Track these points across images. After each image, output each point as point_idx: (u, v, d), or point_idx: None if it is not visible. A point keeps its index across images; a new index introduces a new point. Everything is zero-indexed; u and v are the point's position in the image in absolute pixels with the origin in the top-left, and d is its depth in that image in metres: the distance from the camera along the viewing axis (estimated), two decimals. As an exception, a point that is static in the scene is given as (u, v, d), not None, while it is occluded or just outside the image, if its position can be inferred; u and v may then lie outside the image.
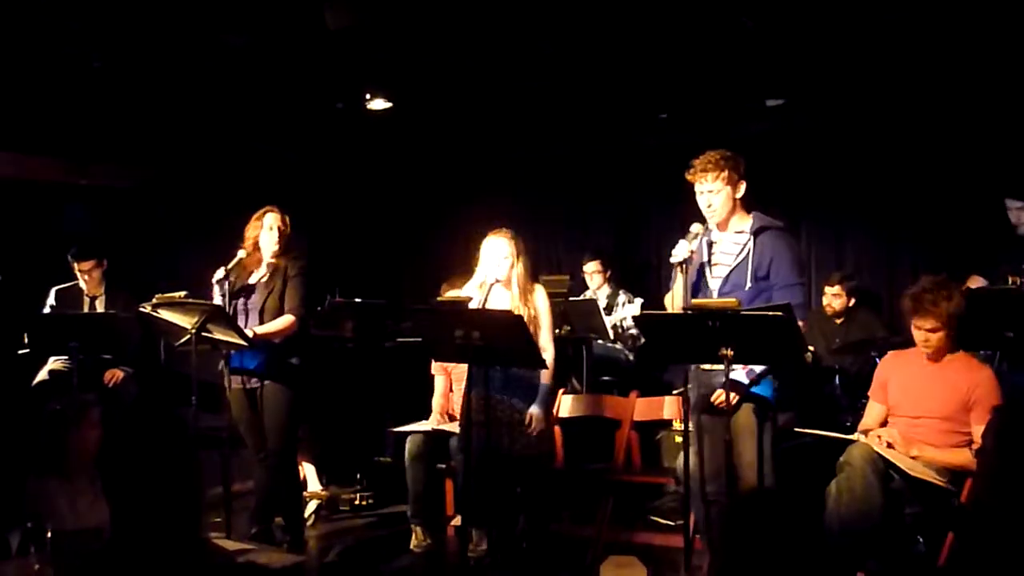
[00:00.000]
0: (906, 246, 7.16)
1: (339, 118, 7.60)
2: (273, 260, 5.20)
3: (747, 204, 4.34)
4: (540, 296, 4.80)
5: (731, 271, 4.27)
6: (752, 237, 4.25)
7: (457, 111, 7.61)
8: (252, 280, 5.21)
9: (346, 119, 7.62)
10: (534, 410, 4.65)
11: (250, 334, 4.98)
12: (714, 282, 4.30)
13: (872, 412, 4.63)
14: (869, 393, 4.67)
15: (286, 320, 5.11)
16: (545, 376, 4.73)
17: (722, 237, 4.34)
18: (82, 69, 6.09)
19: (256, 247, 5.19)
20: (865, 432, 4.47)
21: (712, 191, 4.25)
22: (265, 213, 5.22)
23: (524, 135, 8.22)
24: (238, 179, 7.67)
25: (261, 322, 5.09)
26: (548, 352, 4.74)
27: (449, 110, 7.58)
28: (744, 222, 4.31)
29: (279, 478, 5.21)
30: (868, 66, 6.38)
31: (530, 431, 4.65)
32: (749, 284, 4.19)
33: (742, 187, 4.28)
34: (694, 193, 4.35)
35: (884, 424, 4.58)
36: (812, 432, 4.49)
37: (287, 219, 5.25)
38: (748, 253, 4.23)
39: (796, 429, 4.54)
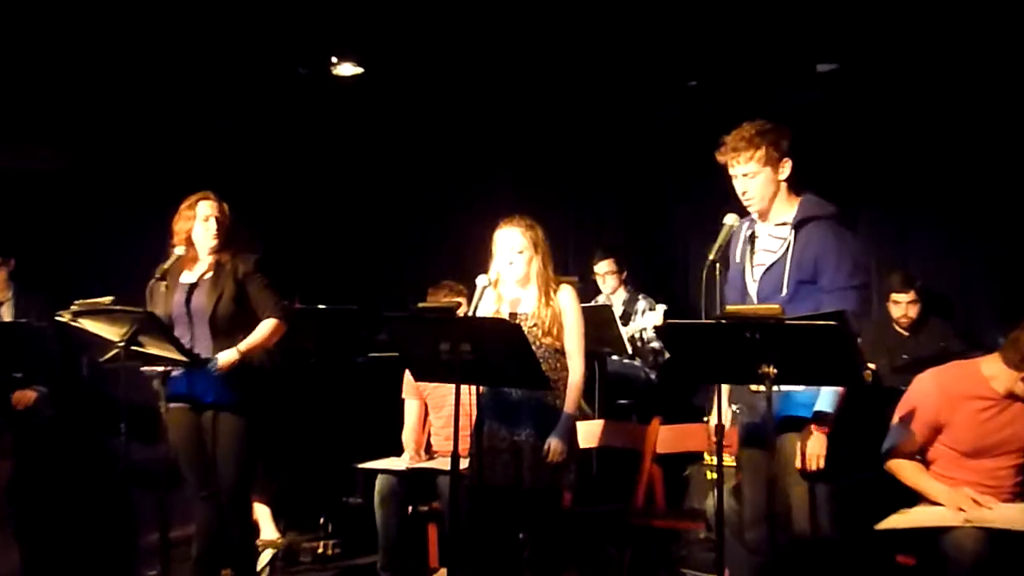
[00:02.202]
0: (982, 242, 7.15)
1: (301, 86, 7.59)
2: (213, 257, 5.20)
3: (796, 186, 4.30)
4: (567, 296, 4.79)
5: (766, 272, 4.25)
6: (793, 230, 4.22)
7: (442, 78, 7.60)
8: (187, 280, 5.21)
9: (309, 87, 7.61)
10: (552, 440, 4.63)
11: (234, 353, 4.99)
12: (752, 285, 4.29)
13: (905, 439, 4.57)
14: (902, 416, 4.59)
15: (269, 325, 5.14)
16: (567, 401, 4.72)
17: (764, 229, 4.32)
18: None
19: (190, 243, 5.19)
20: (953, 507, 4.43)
21: (747, 174, 4.21)
22: (197, 201, 5.21)
23: (524, 106, 8.21)
24: (179, 161, 7.65)
25: (213, 331, 5.10)
26: (575, 360, 4.73)
27: (432, 76, 7.57)
28: (788, 210, 4.26)
29: (229, 521, 5.20)
30: (939, 23, 6.38)
31: (546, 461, 4.63)
32: (786, 288, 4.16)
33: (786, 167, 4.22)
34: (729, 175, 4.33)
35: (916, 454, 4.59)
36: (894, 527, 4.45)
37: (225, 206, 5.25)
38: (788, 249, 4.21)
39: (876, 527, 4.49)
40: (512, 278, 4.78)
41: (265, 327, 5.14)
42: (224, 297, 5.12)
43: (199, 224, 5.18)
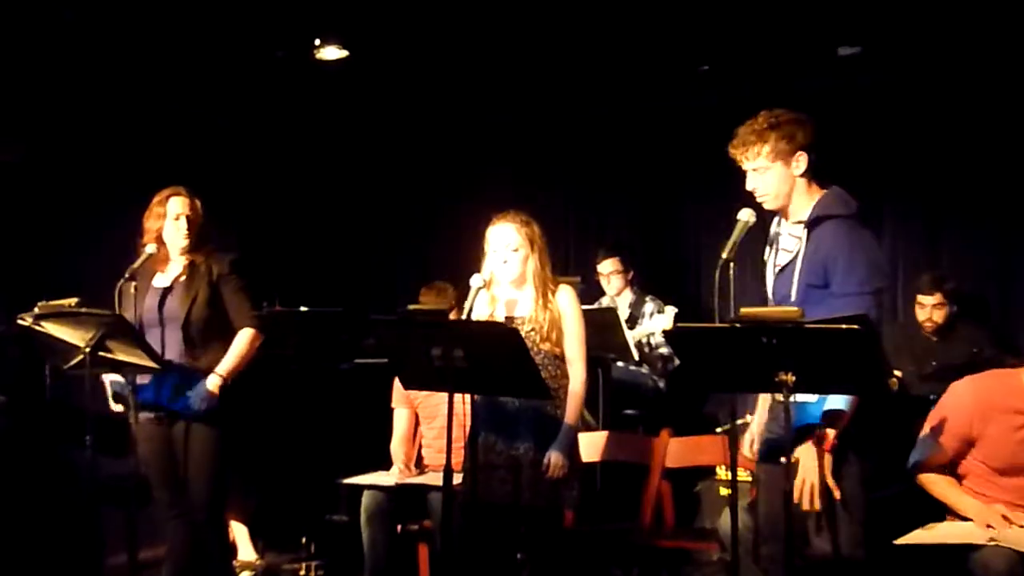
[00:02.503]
0: (1020, 239, 7.16)
1: (281, 71, 7.58)
2: (185, 256, 5.21)
3: (815, 181, 4.24)
4: (566, 297, 4.79)
5: (780, 273, 4.26)
6: (807, 230, 4.19)
7: (434, 62, 7.60)
8: (160, 283, 5.21)
9: (290, 72, 7.60)
10: (553, 454, 4.63)
11: (218, 379, 5.03)
12: (769, 288, 4.30)
13: (935, 452, 4.54)
14: (933, 427, 4.55)
15: (247, 337, 5.18)
16: (569, 412, 4.71)
17: (784, 228, 4.31)
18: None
19: (161, 241, 5.21)
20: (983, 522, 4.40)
21: (756, 170, 4.18)
22: (168, 198, 5.23)
23: (522, 94, 8.21)
24: (148, 152, 7.65)
25: (187, 336, 5.11)
26: (576, 367, 4.73)
27: (424, 60, 7.57)
28: (806, 208, 4.22)
29: (203, 541, 5.20)
30: (971, 2, 6.37)
31: (546, 477, 4.63)
32: (795, 292, 4.15)
33: (801, 161, 4.16)
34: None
35: (947, 468, 4.57)
36: (916, 543, 4.42)
37: (198, 203, 5.27)
38: (800, 250, 4.20)
39: (896, 542, 4.47)
40: (507, 278, 4.76)
41: (242, 341, 5.17)
42: (198, 301, 5.13)
43: (169, 223, 5.19)
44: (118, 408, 5.13)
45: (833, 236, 4.14)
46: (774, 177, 4.18)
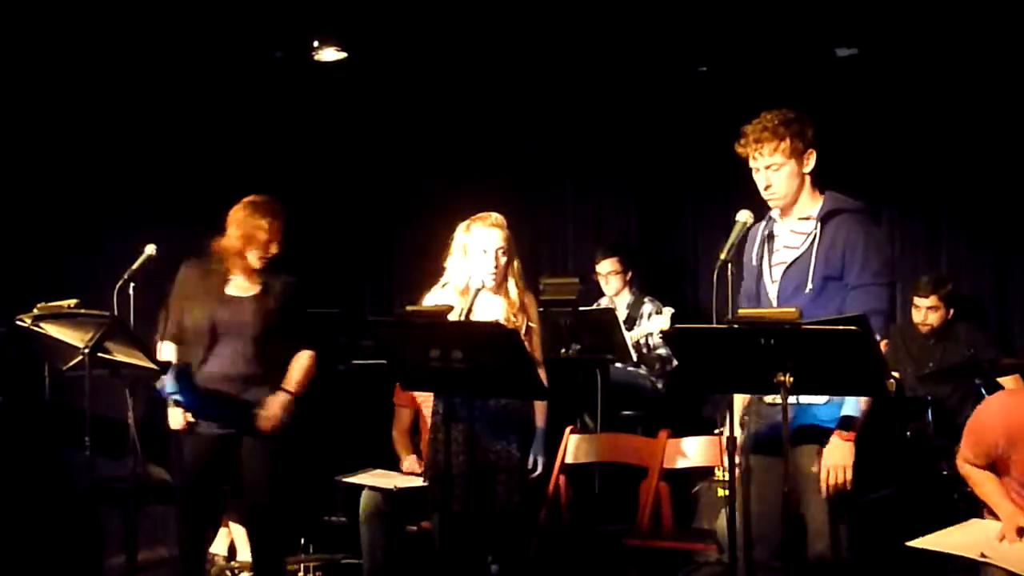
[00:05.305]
0: (1019, 240, 7.17)
1: (279, 72, 7.59)
2: (257, 271, 5.34)
3: (817, 182, 4.32)
4: (533, 306, 4.89)
5: (789, 268, 4.26)
6: (819, 224, 4.23)
7: (432, 62, 7.61)
8: (235, 292, 5.31)
9: (288, 73, 7.60)
10: (539, 456, 4.71)
11: (288, 397, 5.22)
12: (773, 287, 4.30)
13: (972, 454, 4.56)
14: (969, 432, 4.54)
15: (309, 357, 5.38)
16: (540, 415, 4.82)
17: (784, 226, 4.33)
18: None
19: (241, 254, 5.30)
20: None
21: (771, 167, 4.21)
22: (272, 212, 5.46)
23: (520, 94, 8.21)
24: (147, 153, 7.65)
25: (256, 351, 5.22)
26: (543, 373, 4.81)
27: (422, 61, 7.57)
28: (812, 205, 4.28)
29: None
30: (970, 2, 6.39)
31: (532, 479, 4.72)
32: (811, 285, 4.18)
33: (811, 159, 4.24)
34: (745, 168, 4.34)
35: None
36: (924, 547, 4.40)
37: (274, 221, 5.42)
38: (814, 243, 4.22)
39: (909, 543, 4.45)
40: (491, 282, 4.79)
41: (305, 360, 5.36)
42: (269, 320, 5.27)
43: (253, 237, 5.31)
44: (177, 420, 5.19)
45: (850, 228, 4.20)
46: (787, 174, 4.23)
